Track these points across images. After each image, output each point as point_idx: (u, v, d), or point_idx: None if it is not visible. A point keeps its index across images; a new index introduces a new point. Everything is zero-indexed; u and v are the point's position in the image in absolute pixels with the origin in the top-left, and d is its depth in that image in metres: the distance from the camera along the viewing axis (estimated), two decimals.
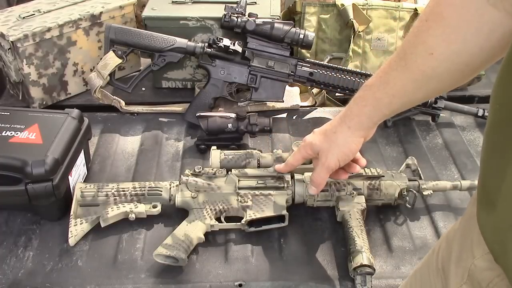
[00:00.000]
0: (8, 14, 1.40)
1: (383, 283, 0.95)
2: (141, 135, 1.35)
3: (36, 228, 1.06)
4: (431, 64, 0.68)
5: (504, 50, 0.62)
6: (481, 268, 0.57)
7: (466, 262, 0.59)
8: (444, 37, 0.65)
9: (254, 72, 1.37)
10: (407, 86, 0.75)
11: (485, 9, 0.59)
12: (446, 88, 0.75)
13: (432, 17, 0.66)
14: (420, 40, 0.69)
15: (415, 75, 0.72)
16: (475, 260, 0.57)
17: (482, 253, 0.56)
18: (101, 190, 1.07)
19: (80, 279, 0.96)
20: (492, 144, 0.53)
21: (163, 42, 1.35)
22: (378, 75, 0.80)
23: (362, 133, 0.89)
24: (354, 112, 0.87)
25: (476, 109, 1.38)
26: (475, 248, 0.58)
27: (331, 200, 1.07)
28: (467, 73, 0.68)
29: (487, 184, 0.54)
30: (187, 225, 1.02)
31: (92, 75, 1.37)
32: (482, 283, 0.56)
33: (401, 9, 1.52)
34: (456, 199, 1.14)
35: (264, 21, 1.33)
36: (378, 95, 0.80)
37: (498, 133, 0.52)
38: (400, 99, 0.79)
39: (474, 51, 0.63)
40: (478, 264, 0.57)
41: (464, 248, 0.61)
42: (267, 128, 1.27)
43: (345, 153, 0.92)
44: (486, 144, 0.54)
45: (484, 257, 0.56)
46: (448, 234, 0.69)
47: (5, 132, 1.07)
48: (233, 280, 0.96)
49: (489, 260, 0.54)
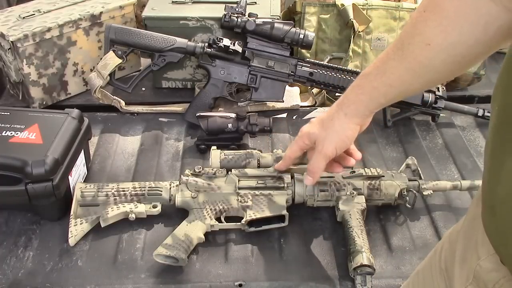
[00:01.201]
0: (8, 14, 1.40)
1: (383, 283, 0.95)
2: (141, 135, 1.35)
3: (36, 228, 1.06)
4: (428, 54, 0.68)
5: (500, 43, 0.62)
6: (486, 269, 0.56)
7: (471, 263, 0.59)
8: (441, 29, 0.65)
9: (254, 72, 1.37)
10: (404, 76, 0.75)
11: (482, 2, 0.60)
12: (443, 78, 0.75)
13: (430, 8, 0.66)
14: (418, 31, 0.69)
15: (412, 65, 0.72)
16: (480, 261, 0.57)
17: (488, 254, 0.56)
18: (101, 190, 1.07)
19: (80, 279, 0.96)
20: (492, 147, 0.53)
21: (163, 42, 1.35)
22: (375, 64, 0.80)
23: (358, 120, 0.89)
24: (351, 99, 0.87)
25: (476, 109, 1.38)
26: (480, 248, 0.58)
27: (331, 200, 1.07)
28: (463, 65, 0.69)
29: (488, 187, 0.54)
30: (187, 225, 1.02)
31: (92, 75, 1.37)
32: (488, 284, 0.56)
33: (401, 9, 1.52)
34: (456, 199, 1.14)
35: (264, 21, 1.33)
36: (375, 84, 0.81)
37: (497, 135, 0.52)
38: (396, 89, 0.79)
39: (470, 43, 0.64)
40: (483, 265, 0.57)
41: (468, 249, 0.61)
42: (267, 128, 1.27)
43: (342, 140, 0.91)
44: (487, 146, 0.55)
45: (490, 258, 0.56)
46: (451, 235, 0.69)
47: (5, 132, 1.07)
48: (233, 280, 0.96)
49: (495, 261, 0.54)
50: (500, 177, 0.49)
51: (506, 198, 0.49)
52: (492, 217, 0.52)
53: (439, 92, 1.35)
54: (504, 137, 0.50)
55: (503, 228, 0.50)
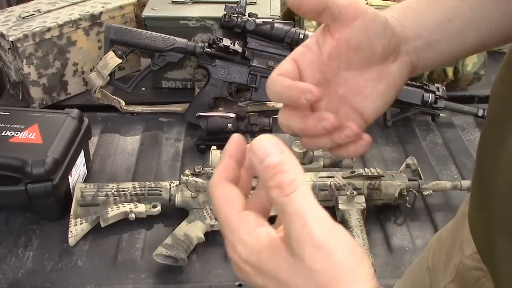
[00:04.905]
0: (8, 14, 1.40)
1: (383, 283, 0.95)
2: (141, 135, 1.35)
3: (36, 228, 1.06)
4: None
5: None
6: (469, 267, 0.56)
7: (455, 260, 0.59)
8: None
9: (254, 72, 1.37)
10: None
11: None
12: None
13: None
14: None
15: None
16: (463, 259, 0.57)
17: (471, 252, 0.56)
18: (101, 190, 1.07)
19: (80, 279, 0.96)
20: (485, 143, 0.52)
21: (163, 42, 1.35)
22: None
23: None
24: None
25: (476, 109, 1.38)
26: (465, 246, 0.58)
27: (331, 200, 1.07)
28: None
29: (478, 183, 0.53)
30: (187, 225, 1.02)
31: (92, 75, 1.37)
32: (469, 282, 0.56)
33: None
34: (456, 199, 1.14)
35: (264, 21, 1.33)
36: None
37: (490, 131, 0.51)
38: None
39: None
40: (466, 262, 0.57)
41: (454, 247, 0.61)
42: (267, 128, 1.27)
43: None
44: (480, 141, 0.53)
45: (473, 256, 0.56)
46: (441, 234, 0.69)
47: (5, 132, 1.07)
48: (233, 280, 0.96)
49: (478, 259, 0.54)
50: (493, 173, 0.48)
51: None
52: (480, 214, 0.52)
53: (439, 92, 1.35)
54: (501, 132, 0.46)
55: (491, 226, 0.49)
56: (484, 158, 0.51)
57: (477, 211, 0.53)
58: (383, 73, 0.46)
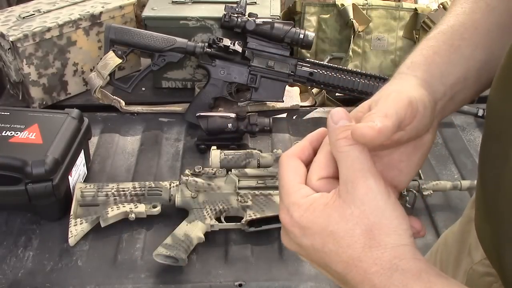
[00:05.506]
0: (8, 14, 1.40)
1: None
2: (141, 135, 1.35)
3: (36, 228, 1.06)
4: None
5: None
6: (479, 273, 0.56)
7: (465, 266, 0.58)
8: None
9: (254, 72, 1.37)
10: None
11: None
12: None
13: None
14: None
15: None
16: (473, 265, 0.56)
17: (481, 257, 0.55)
18: (101, 190, 1.07)
19: (80, 279, 0.96)
20: (487, 156, 0.49)
21: (163, 42, 1.35)
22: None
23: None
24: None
25: (476, 109, 1.38)
26: (473, 252, 0.57)
27: None
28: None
29: (483, 198, 0.51)
30: (187, 225, 1.02)
31: (92, 75, 1.37)
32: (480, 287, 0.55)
33: (401, 9, 1.52)
34: (456, 199, 1.14)
35: (264, 21, 1.33)
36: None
37: (491, 145, 0.48)
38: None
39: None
40: (476, 269, 0.56)
41: (462, 252, 0.60)
42: (267, 128, 1.27)
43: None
44: (481, 153, 0.50)
45: (483, 262, 0.55)
46: (447, 237, 0.68)
47: (5, 132, 1.07)
48: (233, 280, 0.96)
49: (488, 265, 0.53)
50: (499, 183, 0.47)
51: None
52: (486, 223, 0.51)
53: None
54: (504, 143, 0.44)
55: (498, 236, 0.48)
56: (487, 171, 0.48)
57: (483, 223, 0.52)
58: (418, 145, 0.46)
